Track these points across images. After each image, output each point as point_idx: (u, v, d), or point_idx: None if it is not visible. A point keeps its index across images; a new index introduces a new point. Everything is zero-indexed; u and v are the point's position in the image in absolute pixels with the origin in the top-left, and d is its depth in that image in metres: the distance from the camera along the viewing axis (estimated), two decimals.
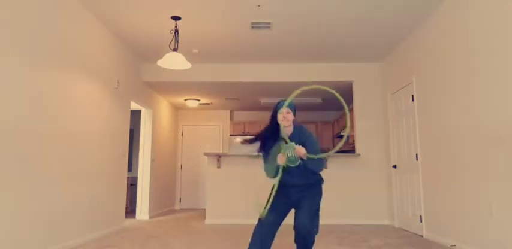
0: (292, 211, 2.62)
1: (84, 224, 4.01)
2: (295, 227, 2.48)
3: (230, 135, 8.51)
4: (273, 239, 2.50)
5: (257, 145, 2.61)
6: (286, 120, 2.49)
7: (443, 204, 3.91)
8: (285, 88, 6.46)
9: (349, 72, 6.01)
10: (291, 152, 2.41)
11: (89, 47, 4.19)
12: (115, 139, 4.87)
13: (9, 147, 2.87)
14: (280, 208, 2.55)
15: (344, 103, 2.43)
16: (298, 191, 2.57)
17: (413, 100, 4.65)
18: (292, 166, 2.46)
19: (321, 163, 2.55)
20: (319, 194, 2.62)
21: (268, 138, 2.57)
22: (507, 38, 2.92)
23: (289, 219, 2.61)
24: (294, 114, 2.55)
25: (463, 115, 3.54)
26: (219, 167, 5.72)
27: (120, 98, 5.06)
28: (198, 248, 3.69)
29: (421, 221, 4.42)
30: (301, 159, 2.45)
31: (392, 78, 5.43)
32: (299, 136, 2.55)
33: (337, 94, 2.39)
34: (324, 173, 2.73)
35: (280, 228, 2.54)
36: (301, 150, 2.39)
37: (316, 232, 2.58)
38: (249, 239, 2.52)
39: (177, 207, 8.26)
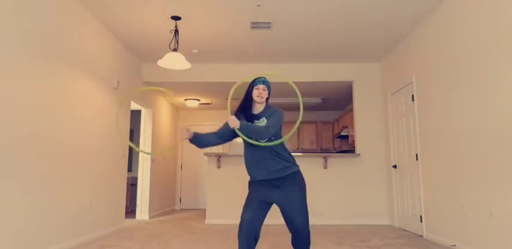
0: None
1: (84, 224, 4.01)
2: (293, 230, 2.37)
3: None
4: (257, 237, 2.31)
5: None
6: (260, 96, 2.47)
7: (443, 204, 3.91)
8: (285, 88, 6.46)
9: (349, 72, 6.02)
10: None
11: (89, 47, 4.19)
12: (115, 139, 4.87)
13: (8, 147, 2.87)
14: (256, 205, 2.36)
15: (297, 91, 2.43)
16: (276, 187, 2.37)
17: (413, 100, 4.65)
18: (256, 143, 2.30)
19: (256, 133, 2.31)
20: (303, 188, 2.41)
21: (240, 113, 2.48)
22: (508, 37, 2.92)
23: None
24: (269, 94, 2.53)
25: (463, 115, 3.54)
26: (219, 167, 5.73)
27: (120, 98, 5.06)
28: (198, 248, 3.69)
29: (421, 221, 4.42)
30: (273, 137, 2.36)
31: (392, 78, 5.43)
32: (270, 111, 2.46)
33: (293, 85, 2.43)
34: (324, 173, 2.69)
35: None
36: (233, 121, 2.24)
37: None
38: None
39: (177, 207, 8.26)
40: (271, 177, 2.39)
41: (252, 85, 2.54)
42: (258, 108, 2.53)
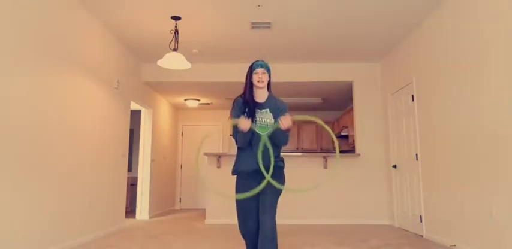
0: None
1: (84, 224, 4.01)
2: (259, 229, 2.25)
3: (230, 135, 8.51)
4: (258, 221, 2.32)
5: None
6: (261, 81, 2.38)
7: (443, 204, 3.91)
8: (285, 88, 6.47)
9: (349, 72, 6.01)
10: (264, 118, 2.34)
11: (89, 47, 4.19)
12: (115, 139, 4.87)
13: (9, 147, 2.87)
14: (249, 211, 2.43)
15: (330, 131, 2.36)
16: (262, 178, 2.29)
17: (413, 100, 4.65)
18: (261, 133, 2.29)
19: (287, 138, 2.37)
20: (280, 189, 2.33)
21: (243, 103, 2.40)
22: (507, 37, 2.92)
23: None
24: (269, 77, 2.43)
25: (463, 115, 3.54)
26: (219, 167, 5.72)
27: (120, 98, 5.06)
28: (198, 248, 3.69)
29: (421, 221, 4.42)
30: (278, 129, 2.27)
31: (392, 78, 5.43)
32: (275, 103, 2.40)
33: (322, 123, 2.34)
34: (324, 173, 2.70)
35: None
36: (288, 120, 2.19)
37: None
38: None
39: (177, 207, 8.26)
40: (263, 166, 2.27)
41: (250, 70, 2.44)
42: (260, 95, 2.42)
